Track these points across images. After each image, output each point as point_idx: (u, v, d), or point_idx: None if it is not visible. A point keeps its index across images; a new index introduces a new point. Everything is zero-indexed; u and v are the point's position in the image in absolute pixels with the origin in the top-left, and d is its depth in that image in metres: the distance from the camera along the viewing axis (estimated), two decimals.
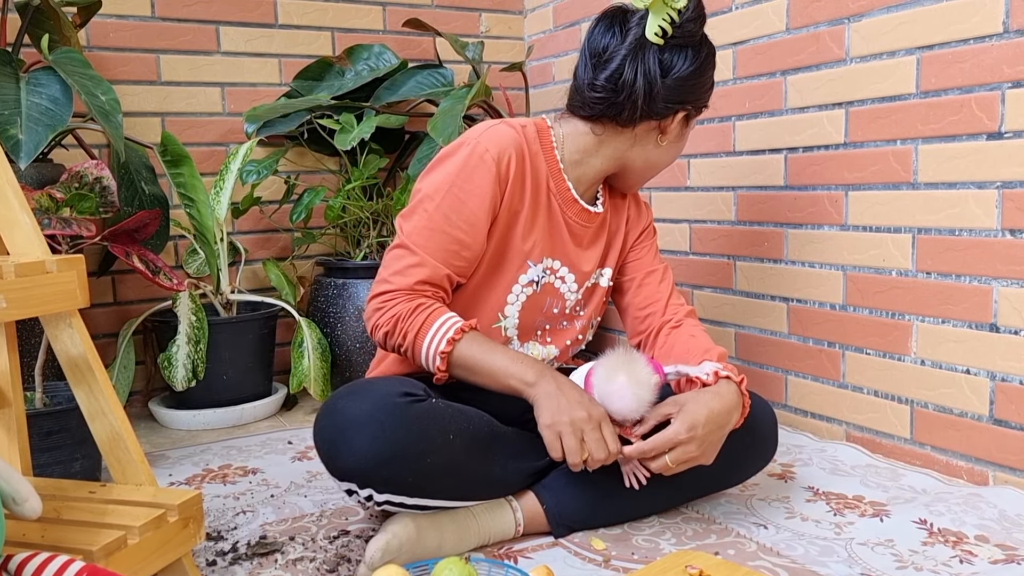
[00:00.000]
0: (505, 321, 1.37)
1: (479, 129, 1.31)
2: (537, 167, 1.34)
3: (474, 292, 1.35)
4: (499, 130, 1.31)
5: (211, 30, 2.25)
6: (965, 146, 1.50)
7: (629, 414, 1.20)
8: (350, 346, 2.13)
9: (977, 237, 1.49)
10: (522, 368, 1.21)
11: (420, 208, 1.28)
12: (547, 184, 1.35)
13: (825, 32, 1.72)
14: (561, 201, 1.37)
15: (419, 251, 1.26)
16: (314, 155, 2.34)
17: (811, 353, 1.83)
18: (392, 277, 1.27)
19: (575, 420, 1.16)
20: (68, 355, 1.03)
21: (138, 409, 2.17)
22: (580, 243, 1.41)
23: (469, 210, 1.27)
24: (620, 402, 1.19)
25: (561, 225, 1.38)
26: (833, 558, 1.22)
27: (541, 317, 1.40)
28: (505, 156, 1.28)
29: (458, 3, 2.56)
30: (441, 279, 1.27)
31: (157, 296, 2.15)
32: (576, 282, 1.41)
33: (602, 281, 1.47)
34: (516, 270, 1.35)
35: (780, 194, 1.86)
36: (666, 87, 1.30)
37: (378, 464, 1.13)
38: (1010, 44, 1.42)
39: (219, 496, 1.53)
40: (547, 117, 1.41)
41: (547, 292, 1.39)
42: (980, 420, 1.51)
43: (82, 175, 1.72)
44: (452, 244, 1.27)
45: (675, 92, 1.30)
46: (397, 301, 1.25)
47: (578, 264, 1.41)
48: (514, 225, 1.33)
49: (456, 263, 1.28)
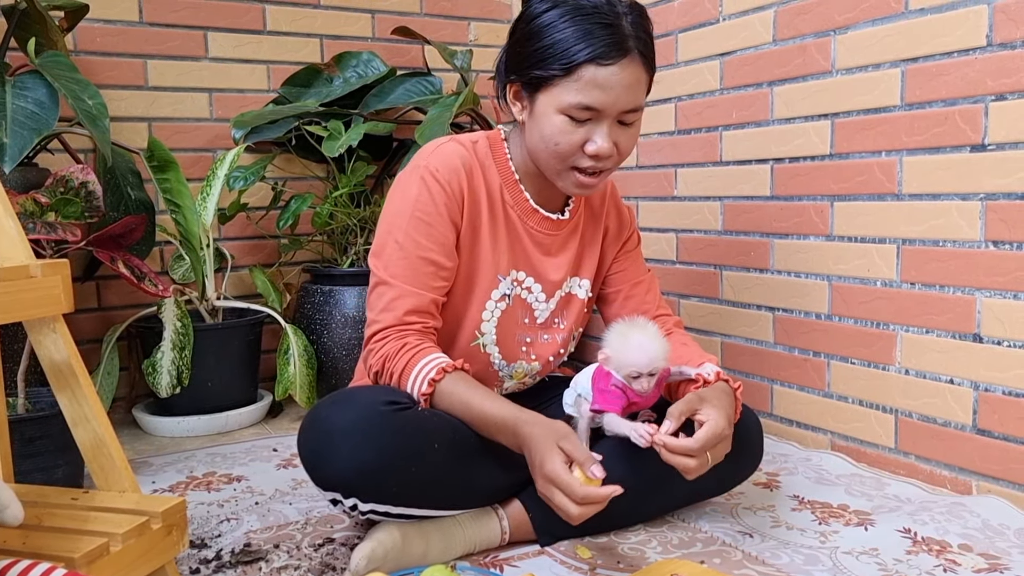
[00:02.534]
0: (483, 338, 1.37)
1: (427, 150, 1.32)
2: (490, 181, 1.34)
3: (450, 312, 1.35)
4: (445, 149, 1.31)
5: (199, 36, 2.25)
6: (949, 158, 1.51)
7: (646, 366, 1.20)
8: (336, 353, 2.12)
9: (961, 248, 1.51)
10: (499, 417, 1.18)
11: (389, 241, 1.29)
12: (501, 196, 1.35)
13: (811, 44, 1.74)
14: (520, 212, 1.36)
15: (399, 283, 1.27)
16: (301, 162, 2.33)
17: (796, 362, 1.84)
18: (380, 316, 1.27)
19: (539, 489, 1.11)
20: (51, 361, 1.02)
21: (122, 415, 2.16)
22: (548, 252, 1.40)
23: (436, 231, 1.28)
24: (638, 353, 1.20)
25: (522, 236, 1.37)
26: (818, 567, 1.22)
27: (518, 331, 1.40)
28: (454, 174, 1.29)
29: (447, 11, 2.57)
30: (427, 305, 1.28)
31: (142, 302, 2.14)
32: (544, 292, 1.40)
33: (579, 292, 1.45)
34: (488, 286, 1.35)
35: (766, 204, 1.87)
36: (504, 58, 1.32)
37: (362, 473, 1.13)
38: (993, 57, 1.43)
39: (203, 503, 1.52)
40: (502, 129, 1.40)
41: (518, 305, 1.39)
42: (963, 430, 1.52)
43: (67, 180, 1.71)
44: (428, 267, 1.28)
45: (507, 62, 1.31)
46: (386, 341, 1.26)
47: (544, 274, 1.39)
48: (478, 241, 1.33)
49: (436, 284, 1.29)
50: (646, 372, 1.21)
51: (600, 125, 1.23)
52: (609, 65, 1.19)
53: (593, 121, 1.22)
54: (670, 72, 2.10)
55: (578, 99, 1.20)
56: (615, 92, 1.20)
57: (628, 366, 1.22)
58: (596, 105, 1.20)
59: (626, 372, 1.22)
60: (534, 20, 1.24)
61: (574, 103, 1.20)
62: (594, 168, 1.25)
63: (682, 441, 1.14)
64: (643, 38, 1.23)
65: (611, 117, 1.22)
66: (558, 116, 1.23)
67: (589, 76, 1.19)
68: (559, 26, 1.20)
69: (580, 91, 1.20)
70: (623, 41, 1.20)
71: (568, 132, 1.23)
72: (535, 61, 1.23)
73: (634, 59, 1.21)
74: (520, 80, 1.27)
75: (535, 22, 1.23)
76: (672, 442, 1.14)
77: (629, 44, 1.20)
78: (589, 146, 1.23)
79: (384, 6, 2.48)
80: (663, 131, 2.14)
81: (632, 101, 1.23)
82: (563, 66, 1.20)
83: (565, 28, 1.20)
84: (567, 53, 1.19)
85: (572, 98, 1.20)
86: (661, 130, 2.15)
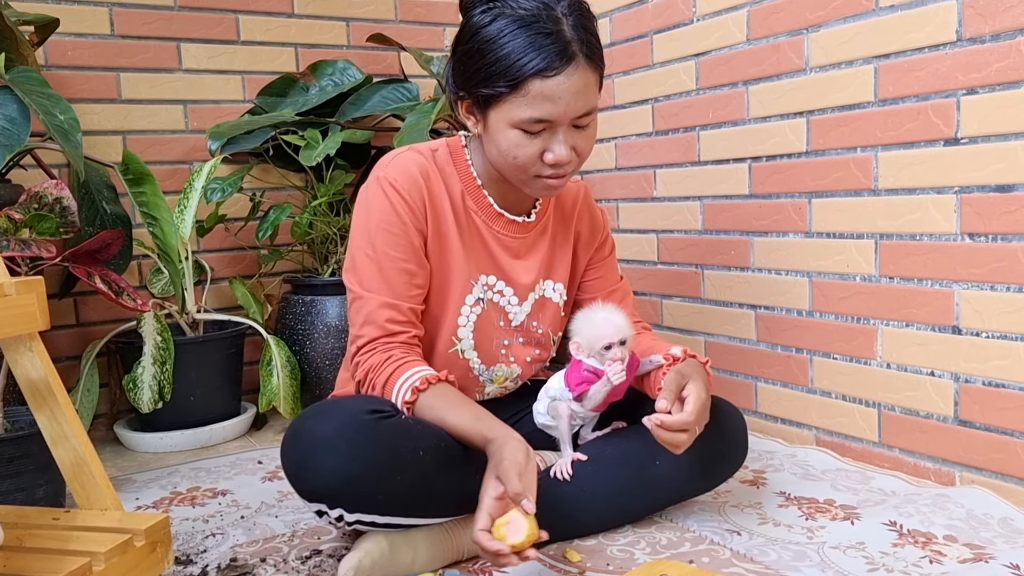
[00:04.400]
0: (461, 344, 1.37)
1: (384, 161, 1.33)
2: (451, 187, 1.34)
3: (427, 320, 1.35)
4: (402, 158, 1.32)
5: (172, 47, 2.23)
6: (923, 152, 1.53)
7: (616, 333, 1.27)
8: (319, 363, 2.11)
9: (937, 241, 1.52)
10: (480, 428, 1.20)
11: (360, 255, 1.29)
12: (463, 202, 1.35)
13: (785, 43, 1.75)
14: (484, 217, 1.36)
15: (376, 294, 1.27)
16: (279, 172, 2.32)
17: (779, 359, 1.85)
18: (362, 330, 1.28)
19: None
20: (29, 379, 1.01)
21: (103, 433, 2.13)
22: (516, 255, 1.40)
23: (403, 240, 1.28)
24: (604, 325, 1.28)
25: (489, 240, 1.37)
26: (806, 562, 1.23)
27: (496, 334, 1.40)
28: (412, 182, 1.29)
29: (422, 18, 2.57)
30: (406, 313, 1.28)
31: (121, 317, 2.12)
32: (516, 295, 1.40)
33: (553, 296, 1.45)
34: (462, 291, 1.35)
35: (745, 203, 1.88)
36: (450, 73, 1.30)
37: (347, 483, 1.12)
38: (963, 52, 1.45)
39: (188, 519, 1.50)
40: (462, 135, 1.39)
41: (492, 309, 1.39)
42: (945, 421, 1.54)
43: (41, 195, 1.69)
44: (402, 276, 1.28)
45: (454, 79, 1.29)
46: (372, 353, 1.27)
47: (515, 277, 1.40)
48: (446, 247, 1.33)
49: (412, 293, 1.30)
50: (617, 340, 1.27)
51: (555, 134, 1.22)
52: (555, 75, 1.17)
53: (548, 131, 1.22)
54: (646, 73, 2.11)
55: (529, 114, 1.19)
56: (564, 101, 1.19)
57: (599, 339, 1.27)
58: (548, 117, 1.20)
59: (599, 346, 1.28)
60: (475, 36, 1.21)
61: (525, 118, 1.20)
62: (556, 174, 1.26)
63: (677, 417, 1.19)
64: (586, 39, 1.21)
65: (565, 124, 1.22)
66: (512, 131, 1.22)
67: (536, 90, 1.18)
68: (500, 41, 1.18)
69: (530, 105, 1.19)
70: (566, 48, 1.18)
71: (524, 145, 1.22)
72: (481, 79, 1.21)
73: (579, 64, 1.19)
74: (469, 97, 1.26)
75: (476, 38, 1.21)
76: (669, 419, 1.19)
77: (573, 49, 1.18)
78: (547, 155, 1.23)
79: (359, 13, 2.47)
80: (641, 132, 2.15)
81: (584, 106, 1.22)
82: (509, 83, 1.18)
83: (507, 43, 1.18)
84: (511, 69, 1.17)
85: (523, 113, 1.19)
86: (639, 131, 2.16)
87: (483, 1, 1.22)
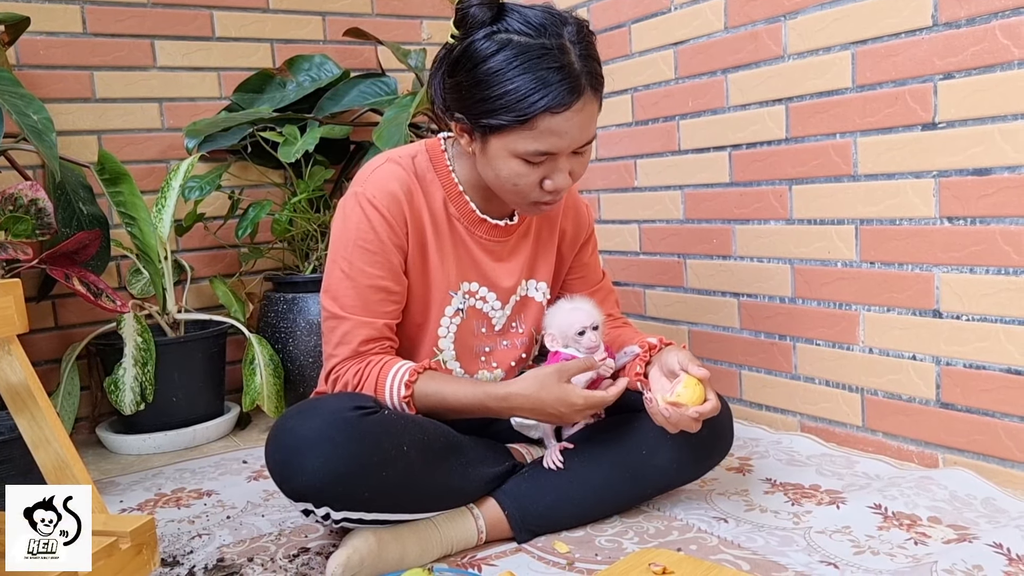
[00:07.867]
0: (442, 355, 1.36)
1: (363, 175, 1.31)
2: (432, 197, 1.32)
3: (407, 333, 1.35)
4: (381, 173, 1.29)
5: (146, 45, 2.20)
6: (901, 137, 1.53)
7: (587, 319, 1.31)
8: (302, 361, 2.10)
9: (917, 226, 1.53)
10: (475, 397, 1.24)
11: (336, 272, 1.28)
12: (446, 210, 1.33)
13: (763, 30, 1.75)
14: (467, 223, 1.35)
15: (351, 314, 1.27)
16: (258, 169, 2.30)
17: (763, 347, 1.86)
18: (336, 349, 1.28)
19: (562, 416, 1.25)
20: (8, 383, 0.99)
21: (85, 436, 2.11)
22: (499, 258, 1.39)
23: (380, 257, 1.27)
24: (574, 313, 1.32)
25: (471, 246, 1.36)
26: (793, 547, 1.23)
27: (477, 342, 1.39)
28: (393, 200, 1.27)
29: (399, 11, 2.55)
30: (380, 330, 1.28)
31: (100, 319, 2.10)
32: (499, 299, 1.40)
33: (536, 296, 1.45)
34: (441, 303, 1.34)
35: (726, 191, 1.89)
36: (442, 91, 1.25)
37: (332, 481, 1.12)
38: (940, 37, 1.45)
39: (173, 520, 1.49)
40: (441, 138, 1.37)
41: (473, 316, 1.38)
42: (928, 404, 1.55)
43: (16, 197, 1.67)
44: (378, 294, 1.27)
45: (448, 100, 1.24)
46: (346, 369, 1.27)
47: (496, 281, 1.39)
48: (426, 260, 1.32)
49: (388, 309, 1.29)
50: (589, 325, 1.31)
51: (557, 163, 1.21)
52: (563, 111, 1.15)
53: (550, 160, 1.21)
54: (625, 63, 2.11)
55: (535, 147, 1.18)
56: (571, 135, 1.18)
57: (572, 326, 1.31)
58: (553, 150, 1.19)
59: (573, 332, 1.31)
60: (480, 65, 1.16)
61: (531, 151, 1.18)
62: (552, 199, 1.26)
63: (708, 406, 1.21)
64: (592, 69, 1.19)
65: (567, 154, 1.22)
66: (513, 160, 1.20)
67: (544, 125, 1.16)
68: (508, 75, 1.14)
69: (536, 139, 1.17)
70: (576, 82, 1.15)
71: (525, 174, 1.21)
72: (485, 111, 1.17)
73: (586, 97, 1.18)
74: (469, 122, 1.21)
75: (482, 68, 1.16)
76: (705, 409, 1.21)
77: (582, 83, 1.16)
78: (547, 183, 1.22)
79: (335, 8, 2.45)
80: (621, 123, 2.15)
81: (587, 136, 1.21)
82: (517, 118, 1.15)
83: (516, 77, 1.14)
84: (520, 105, 1.14)
85: (528, 146, 1.18)
86: (619, 122, 2.16)
87: (485, 23, 1.17)
